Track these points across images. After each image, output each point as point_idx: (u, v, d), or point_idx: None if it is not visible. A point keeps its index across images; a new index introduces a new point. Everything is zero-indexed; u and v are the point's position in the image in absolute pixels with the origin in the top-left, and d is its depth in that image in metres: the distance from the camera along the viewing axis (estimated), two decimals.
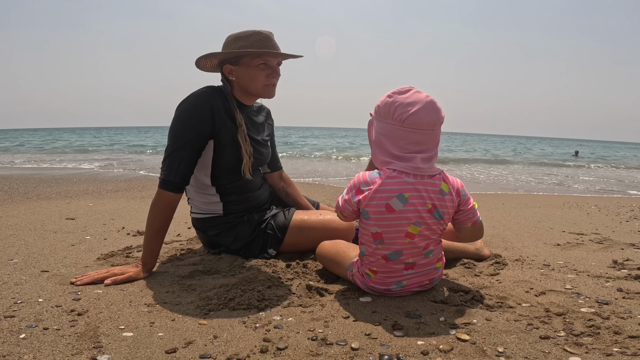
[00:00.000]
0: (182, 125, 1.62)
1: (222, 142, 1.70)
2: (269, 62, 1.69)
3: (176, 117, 1.64)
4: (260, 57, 1.67)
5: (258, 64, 1.68)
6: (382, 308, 1.31)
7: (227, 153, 1.72)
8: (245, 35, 1.67)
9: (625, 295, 1.43)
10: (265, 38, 1.67)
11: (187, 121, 1.62)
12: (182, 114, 1.63)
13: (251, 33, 1.67)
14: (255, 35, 1.66)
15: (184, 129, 1.62)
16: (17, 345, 1.04)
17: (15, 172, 6.44)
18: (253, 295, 1.35)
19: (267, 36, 1.68)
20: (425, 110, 1.28)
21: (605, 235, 2.46)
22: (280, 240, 1.81)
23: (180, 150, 1.61)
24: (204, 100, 1.65)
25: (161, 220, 1.59)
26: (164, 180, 1.60)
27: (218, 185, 1.78)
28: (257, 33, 1.67)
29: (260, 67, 1.69)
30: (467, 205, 1.37)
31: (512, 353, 1.03)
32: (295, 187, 2.11)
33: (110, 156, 11.32)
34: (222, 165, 1.74)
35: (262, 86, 1.72)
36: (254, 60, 1.68)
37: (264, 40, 1.66)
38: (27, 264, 1.72)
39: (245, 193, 1.83)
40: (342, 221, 1.48)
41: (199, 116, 1.63)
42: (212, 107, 1.65)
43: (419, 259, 1.34)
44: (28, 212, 2.98)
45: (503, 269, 1.72)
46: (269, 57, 1.68)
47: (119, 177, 5.93)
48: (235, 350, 1.04)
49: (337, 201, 1.42)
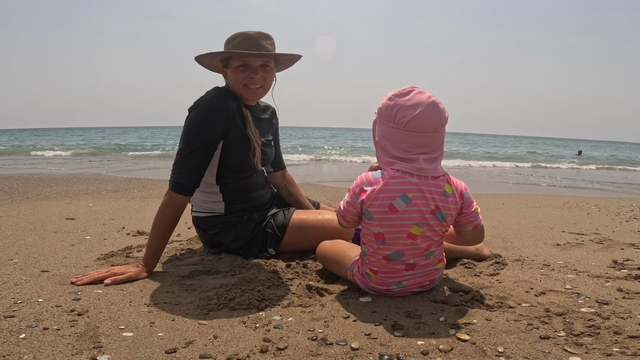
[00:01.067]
0: (197, 129, 1.62)
1: (231, 142, 1.71)
2: (250, 63, 1.67)
3: (193, 120, 1.63)
4: (239, 58, 1.66)
5: (238, 66, 1.67)
6: (382, 308, 1.31)
7: (235, 151, 1.73)
8: (234, 37, 1.68)
9: (625, 295, 1.42)
10: (248, 39, 1.66)
11: (204, 125, 1.62)
12: (198, 118, 1.63)
13: (238, 35, 1.67)
14: (240, 36, 1.66)
15: (198, 133, 1.62)
16: (17, 345, 1.04)
17: (15, 172, 6.44)
18: (253, 295, 1.35)
19: (251, 37, 1.66)
20: (428, 113, 1.27)
21: (605, 235, 2.46)
22: (280, 239, 1.81)
23: (194, 154, 1.62)
24: (221, 105, 1.65)
25: (169, 222, 1.60)
26: (176, 182, 1.60)
27: (222, 184, 1.78)
28: (241, 34, 1.66)
29: (240, 68, 1.67)
30: (470, 209, 1.37)
31: (512, 353, 1.03)
32: (297, 187, 2.12)
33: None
34: (228, 164, 1.74)
35: (242, 87, 1.70)
36: (235, 61, 1.68)
37: (246, 41, 1.65)
38: (27, 264, 1.72)
39: (248, 192, 1.84)
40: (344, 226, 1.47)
41: (215, 121, 1.63)
42: (228, 111, 1.66)
43: (420, 260, 1.34)
44: (28, 212, 2.98)
45: (503, 269, 1.72)
46: (248, 58, 1.66)
47: (119, 177, 5.93)
48: (235, 350, 1.04)
49: (338, 207, 1.41)
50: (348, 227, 1.43)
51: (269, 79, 1.75)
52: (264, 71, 1.70)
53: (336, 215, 1.44)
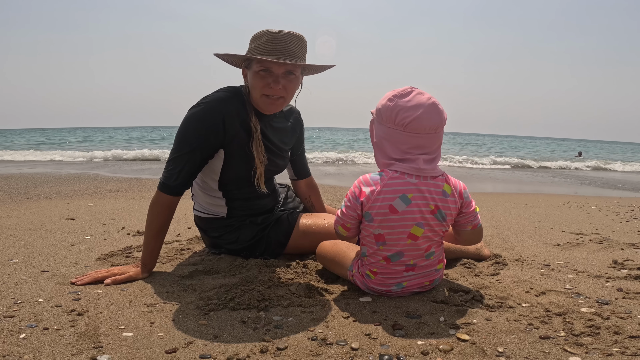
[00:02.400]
0: (188, 132, 1.54)
1: (233, 153, 1.61)
2: (272, 69, 1.49)
3: (185, 123, 1.55)
4: (260, 62, 1.49)
5: (258, 70, 1.50)
6: (382, 308, 1.31)
7: (237, 165, 1.64)
8: (260, 35, 1.49)
9: (625, 295, 1.43)
10: (274, 40, 1.46)
11: (194, 130, 1.53)
12: (190, 121, 1.54)
13: (265, 33, 1.48)
14: (266, 35, 1.47)
15: (190, 137, 1.54)
16: (17, 345, 1.04)
17: (15, 171, 6.44)
18: (253, 295, 1.35)
19: (278, 38, 1.46)
20: (428, 115, 1.27)
21: (605, 235, 2.46)
22: (284, 245, 1.78)
23: (184, 158, 1.55)
24: (216, 110, 1.53)
25: (160, 220, 1.57)
26: (164, 183, 1.56)
27: (225, 190, 1.73)
28: (268, 33, 1.47)
29: (260, 74, 1.50)
30: (469, 208, 1.37)
31: (512, 353, 1.03)
32: (319, 196, 2.07)
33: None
34: (230, 176, 1.67)
35: (260, 96, 1.55)
36: (256, 64, 1.50)
37: (271, 42, 1.46)
38: (27, 264, 1.72)
39: (252, 200, 1.78)
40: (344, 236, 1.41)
41: (207, 127, 1.53)
42: (224, 117, 1.54)
43: (420, 261, 1.34)
44: (28, 212, 2.98)
45: (503, 269, 1.72)
46: (271, 64, 1.49)
47: (119, 177, 5.93)
48: (235, 350, 1.04)
49: (336, 216, 1.39)
50: (348, 236, 1.39)
51: (292, 88, 1.57)
52: (287, 80, 1.53)
53: (334, 226, 1.41)
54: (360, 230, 1.38)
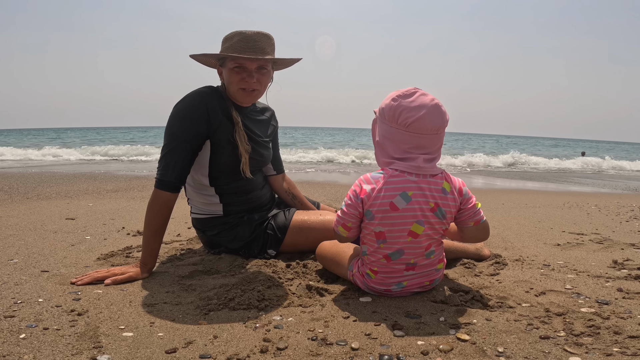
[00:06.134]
0: (177, 125, 1.61)
1: (219, 142, 1.69)
2: (245, 64, 1.63)
3: (172, 117, 1.63)
4: (234, 59, 1.62)
5: (233, 67, 1.63)
6: (382, 308, 1.31)
7: (224, 153, 1.71)
8: (231, 35, 1.63)
9: (625, 295, 1.43)
10: (245, 39, 1.60)
11: (182, 121, 1.61)
12: (178, 114, 1.62)
13: (235, 34, 1.62)
14: (237, 35, 1.61)
15: (179, 129, 1.61)
16: (17, 345, 1.04)
17: (15, 171, 6.44)
18: (253, 295, 1.35)
19: (248, 37, 1.61)
20: (430, 115, 1.28)
21: (605, 235, 2.46)
22: (280, 240, 1.81)
23: (176, 151, 1.61)
24: (200, 101, 1.63)
25: (159, 219, 1.59)
26: (160, 180, 1.60)
27: (217, 185, 1.77)
28: (239, 34, 1.61)
29: (235, 70, 1.63)
30: (469, 204, 1.37)
31: (512, 353, 1.03)
32: (298, 190, 2.09)
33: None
34: (219, 165, 1.73)
35: (237, 90, 1.67)
36: (230, 62, 1.63)
37: (242, 41, 1.60)
38: (27, 264, 1.72)
39: (246, 194, 1.82)
40: (345, 236, 1.40)
41: (194, 116, 1.62)
42: (207, 107, 1.64)
43: (420, 260, 1.34)
44: (28, 212, 2.98)
45: (503, 269, 1.72)
46: (244, 60, 1.62)
47: (119, 177, 5.93)
48: (235, 350, 1.04)
49: (336, 217, 1.39)
50: (348, 237, 1.39)
51: (265, 81, 1.71)
52: (260, 74, 1.66)
53: (334, 227, 1.41)
54: (359, 231, 1.38)
